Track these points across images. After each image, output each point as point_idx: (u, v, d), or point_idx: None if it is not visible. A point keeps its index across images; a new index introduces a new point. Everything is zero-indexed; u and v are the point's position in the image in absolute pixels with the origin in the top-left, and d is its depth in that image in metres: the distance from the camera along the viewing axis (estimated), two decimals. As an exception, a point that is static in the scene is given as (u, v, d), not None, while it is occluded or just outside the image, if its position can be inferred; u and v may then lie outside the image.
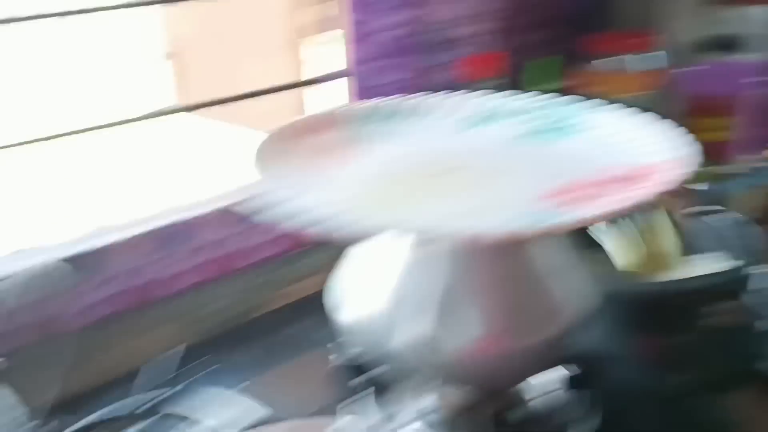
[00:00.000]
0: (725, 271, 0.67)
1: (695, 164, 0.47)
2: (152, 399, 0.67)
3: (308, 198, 0.46)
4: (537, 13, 1.20)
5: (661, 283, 0.68)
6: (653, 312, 0.68)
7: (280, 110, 0.66)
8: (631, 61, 1.11)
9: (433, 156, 0.57)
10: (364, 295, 0.53)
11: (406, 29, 1.03)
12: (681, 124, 0.97)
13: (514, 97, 0.62)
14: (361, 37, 0.97)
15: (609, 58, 1.10)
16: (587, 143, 0.55)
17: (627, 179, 0.47)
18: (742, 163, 0.76)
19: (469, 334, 0.50)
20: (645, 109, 0.78)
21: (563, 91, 0.67)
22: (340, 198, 0.48)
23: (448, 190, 0.52)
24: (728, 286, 0.66)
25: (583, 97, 0.60)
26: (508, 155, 0.56)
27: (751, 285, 0.64)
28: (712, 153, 1.05)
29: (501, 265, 0.51)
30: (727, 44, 1.20)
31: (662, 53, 1.16)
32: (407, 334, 0.51)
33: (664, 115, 0.62)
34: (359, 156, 0.56)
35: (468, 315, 0.50)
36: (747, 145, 1.09)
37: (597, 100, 0.59)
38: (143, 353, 0.71)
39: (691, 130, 1.03)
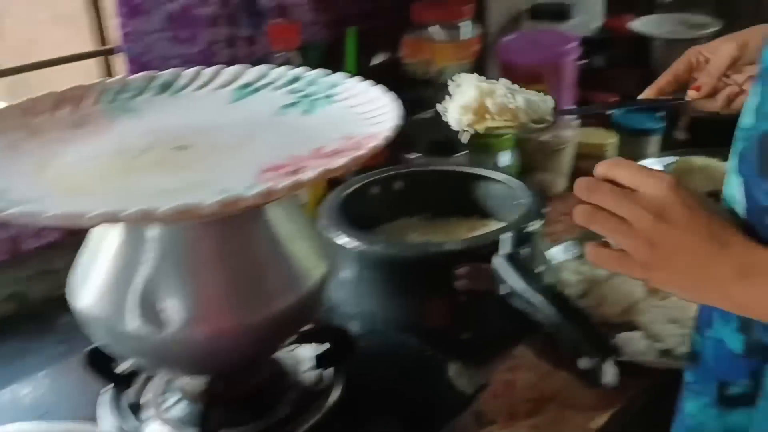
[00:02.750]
0: (481, 236, 0.71)
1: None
2: None
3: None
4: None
5: (418, 246, 0.71)
6: (411, 276, 0.69)
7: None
8: (454, 30, 1.09)
9: (184, 130, 0.56)
10: (93, 281, 0.51)
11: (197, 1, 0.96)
12: None
13: (284, 70, 0.63)
14: (132, 10, 0.90)
15: (436, 26, 1.09)
16: (333, 115, 0.57)
17: (340, 151, 0.49)
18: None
19: (186, 316, 0.48)
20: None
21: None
22: (56, 180, 0.48)
23: (180, 165, 0.51)
24: (481, 250, 0.67)
25: (343, 71, 0.61)
26: (258, 128, 0.57)
27: (502, 249, 0.65)
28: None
29: (215, 241, 0.50)
30: (555, 13, 1.22)
31: (490, 21, 1.16)
32: (128, 321, 0.49)
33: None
34: (106, 132, 0.56)
35: (182, 297, 0.48)
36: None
37: (345, 74, 0.61)
38: None
39: None
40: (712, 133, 1.27)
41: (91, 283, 0.51)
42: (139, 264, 0.48)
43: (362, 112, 0.55)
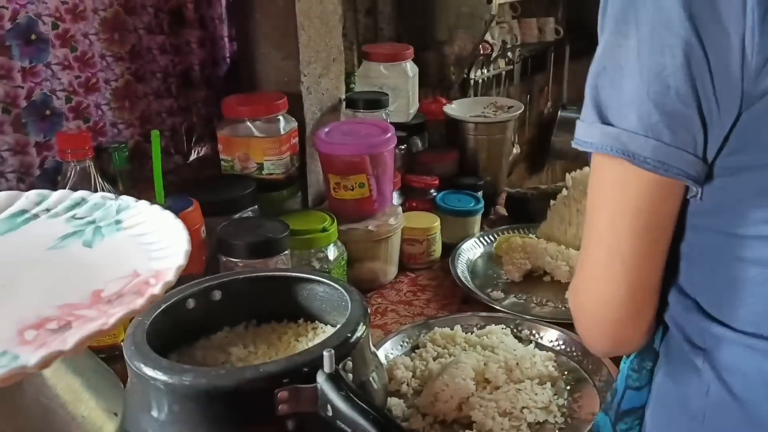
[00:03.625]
0: (302, 353, 0.66)
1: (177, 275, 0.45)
2: None
3: None
4: (164, 79, 1.14)
5: (232, 373, 0.65)
6: (227, 406, 0.63)
7: None
8: (269, 124, 1.08)
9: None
10: None
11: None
12: (324, 184, 1.07)
13: (66, 193, 0.56)
14: None
15: (250, 121, 1.07)
16: (118, 246, 0.51)
17: (121, 294, 0.44)
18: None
19: None
20: (285, 171, 0.74)
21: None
22: None
23: None
24: (303, 368, 0.63)
25: (128, 196, 0.56)
26: (28, 267, 0.49)
27: (324, 366, 0.62)
28: (354, 210, 1.06)
29: None
30: (371, 101, 1.24)
31: (306, 113, 1.15)
32: None
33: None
34: None
35: None
36: (382, 202, 1.11)
37: (132, 198, 0.55)
38: None
39: (333, 189, 1.07)
40: (526, 209, 1.33)
41: None
42: None
43: (150, 242, 0.50)
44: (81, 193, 0.57)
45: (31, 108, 0.94)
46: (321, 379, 0.62)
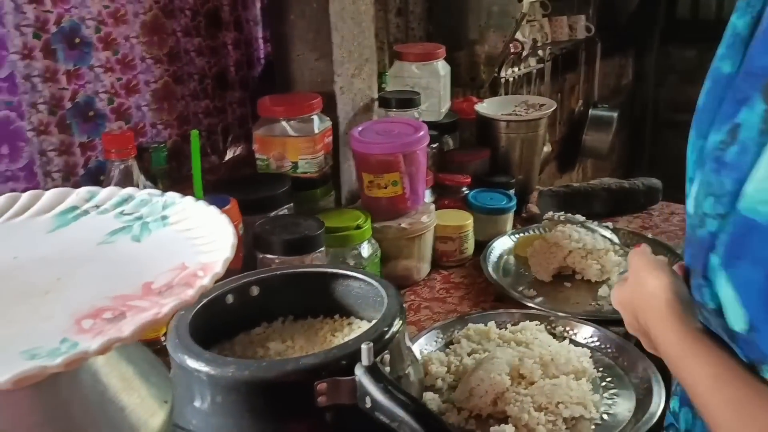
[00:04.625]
0: (340, 346, 0.67)
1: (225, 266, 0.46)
2: None
3: None
4: (201, 80, 1.15)
5: (274, 365, 0.66)
6: (269, 397, 0.64)
7: None
8: (304, 123, 1.09)
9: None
10: None
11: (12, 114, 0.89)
12: (357, 182, 1.07)
13: (114, 190, 0.58)
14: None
15: (285, 121, 1.09)
16: (165, 240, 0.52)
17: (171, 286, 0.45)
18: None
19: None
20: (319, 169, 0.72)
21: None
22: None
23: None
24: (342, 361, 0.64)
25: (174, 192, 0.57)
26: (80, 261, 0.51)
27: (363, 359, 0.63)
28: (388, 208, 1.08)
29: (21, 408, 0.42)
30: (403, 101, 1.26)
31: (340, 112, 1.17)
32: None
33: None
34: None
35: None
36: (415, 200, 1.12)
37: (177, 194, 0.57)
38: None
39: (366, 187, 1.08)
40: (559, 207, 1.33)
41: None
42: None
43: (196, 237, 0.51)
44: (128, 190, 0.59)
45: (75, 109, 0.97)
46: (359, 372, 0.63)
